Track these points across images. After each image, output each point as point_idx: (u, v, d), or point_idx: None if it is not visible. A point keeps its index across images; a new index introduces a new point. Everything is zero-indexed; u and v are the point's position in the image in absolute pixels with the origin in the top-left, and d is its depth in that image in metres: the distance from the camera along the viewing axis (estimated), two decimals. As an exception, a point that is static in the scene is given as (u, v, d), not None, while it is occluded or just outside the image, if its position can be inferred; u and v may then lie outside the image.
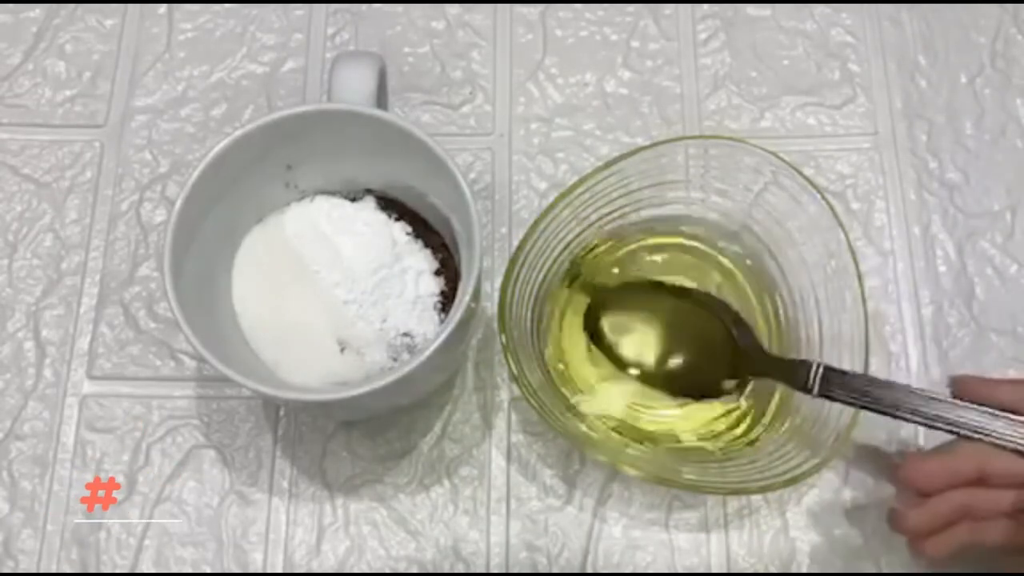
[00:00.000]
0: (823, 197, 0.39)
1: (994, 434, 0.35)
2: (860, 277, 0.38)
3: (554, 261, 0.41)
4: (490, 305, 0.44)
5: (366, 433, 0.42)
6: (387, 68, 0.42)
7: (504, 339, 0.37)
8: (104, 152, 0.48)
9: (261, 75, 0.49)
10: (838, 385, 0.37)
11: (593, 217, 0.41)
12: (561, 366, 0.41)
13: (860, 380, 0.37)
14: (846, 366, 0.38)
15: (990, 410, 0.35)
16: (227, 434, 0.43)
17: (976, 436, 0.35)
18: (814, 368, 0.37)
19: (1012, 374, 0.43)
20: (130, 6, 0.50)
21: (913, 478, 0.36)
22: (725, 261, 0.43)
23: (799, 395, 0.38)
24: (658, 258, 0.43)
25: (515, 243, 0.43)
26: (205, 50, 0.49)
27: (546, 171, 0.47)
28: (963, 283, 0.45)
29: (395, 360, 0.39)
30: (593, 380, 0.41)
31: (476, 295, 0.36)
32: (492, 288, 0.44)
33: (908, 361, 0.43)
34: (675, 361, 0.41)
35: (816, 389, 0.37)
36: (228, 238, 0.40)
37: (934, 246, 0.45)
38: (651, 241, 0.43)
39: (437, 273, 0.40)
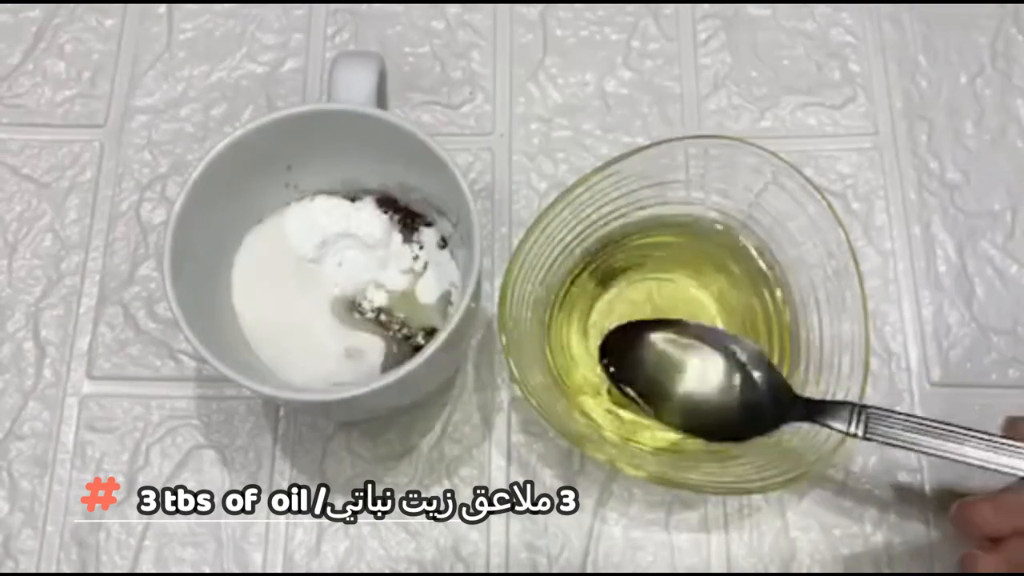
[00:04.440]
0: (823, 197, 0.39)
1: None
2: (860, 277, 0.38)
3: (554, 261, 0.41)
4: (490, 305, 0.44)
5: (366, 433, 0.42)
6: (387, 68, 0.42)
7: (504, 339, 0.37)
8: (104, 152, 0.48)
9: (261, 75, 0.49)
10: (885, 428, 0.35)
11: (593, 217, 0.41)
12: (562, 366, 0.41)
13: (909, 422, 0.35)
14: (846, 366, 0.37)
15: None
16: (227, 434, 0.43)
17: None
18: (855, 411, 0.36)
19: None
20: (130, 6, 0.50)
21: (974, 522, 0.35)
22: (725, 260, 0.43)
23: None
24: (660, 254, 0.43)
25: (515, 243, 0.43)
26: (205, 50, 0.49)
27: (546, 171, 0.47)
28: (963, 283, 0.45)
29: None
30: (593, 378, 0.41)
31: (476, 295, 0.36)
32: (492, 288, 0.44)
33: (908, 361, 0.43)
34: (696, 412, 0.39)
35: (861, 433, 0.35)
36: (228, 238, 0.40)
37: (934, 246, 0.45)
38: (651, 240, 0.43)
39: (437, 273, 0.40)
